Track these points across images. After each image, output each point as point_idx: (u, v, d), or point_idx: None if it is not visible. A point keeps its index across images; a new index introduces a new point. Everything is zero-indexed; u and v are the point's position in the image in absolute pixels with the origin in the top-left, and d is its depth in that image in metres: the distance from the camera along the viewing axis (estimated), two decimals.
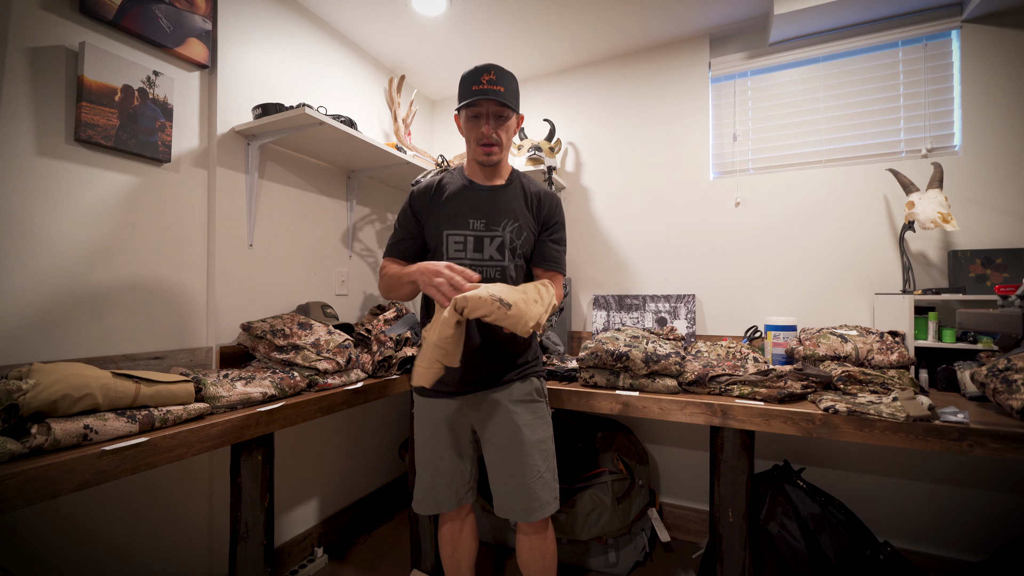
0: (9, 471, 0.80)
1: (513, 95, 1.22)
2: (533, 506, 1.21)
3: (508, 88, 1.20)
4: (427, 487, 1.31)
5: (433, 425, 1.30)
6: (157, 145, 1.43)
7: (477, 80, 1.18)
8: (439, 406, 1.29)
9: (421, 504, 1.32)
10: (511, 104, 1.20)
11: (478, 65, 1.20)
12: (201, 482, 1.55)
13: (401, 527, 2.15)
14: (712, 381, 1.40)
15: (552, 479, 1.25)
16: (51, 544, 1.21)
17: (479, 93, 1.17)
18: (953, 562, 1.70)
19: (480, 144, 1.23)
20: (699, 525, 2.04)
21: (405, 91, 2.48)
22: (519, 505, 1.22)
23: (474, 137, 1.24)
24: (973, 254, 1.65)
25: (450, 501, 1.29)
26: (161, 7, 1.44)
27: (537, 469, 1.22)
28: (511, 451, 1.23)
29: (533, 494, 1.21)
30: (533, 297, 1.09)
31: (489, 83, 1.17)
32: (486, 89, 1.17)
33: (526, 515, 1.21)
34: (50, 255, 1.23)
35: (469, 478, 1.33)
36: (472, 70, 1.21)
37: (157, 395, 1.08)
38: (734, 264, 2.05)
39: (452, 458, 1.29)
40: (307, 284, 1.96)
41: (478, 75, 1.18)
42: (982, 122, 1.72)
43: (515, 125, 1.28)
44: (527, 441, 1.22)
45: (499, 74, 1.19)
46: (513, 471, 1.22)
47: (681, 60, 2.17)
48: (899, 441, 1.12)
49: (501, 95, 1.18)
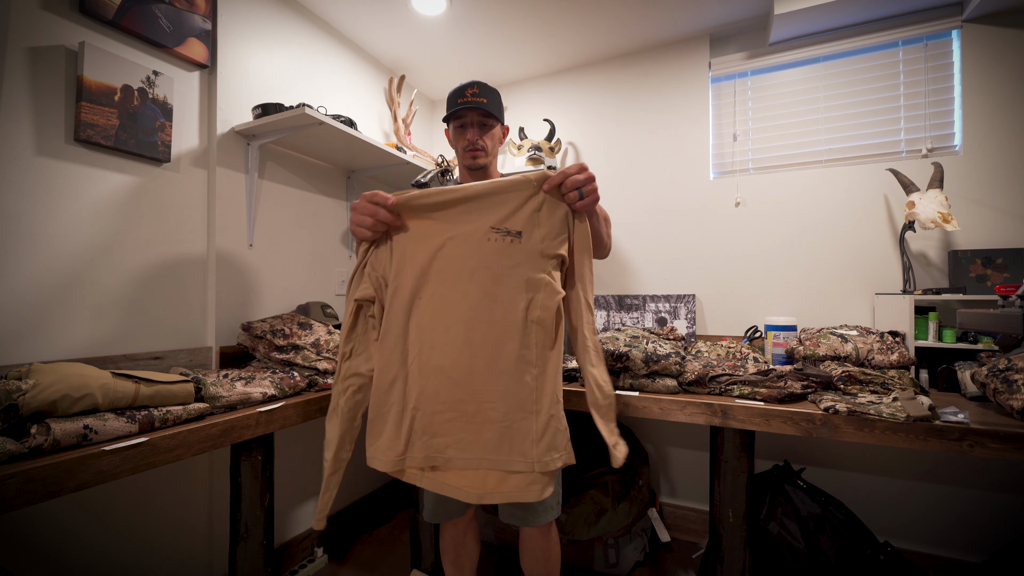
0: (9, 471, 0.80)
1: (496, 106, 1.30)
2: (537, 510, 1.21)
3: (491, 100, 1.28)
4: (436, 495, 1.28)
5: None
6: (157, 145, 1.43)
7: (462, 94, 1.27)
8: None
9: (433, 513, 1.30)
10: (494, 113, 1.29)
11: (463, 82, 1.30)
12: (201, 482, 1.55)
13: (401, 527, 2.15)
14: (712, 381, 1.40)
15: (557, 484, 1.26)
16: (51, 544, 1.20)
17: (463, 105, 1.26)
18: (953, 562, 1.70)
19: (467, 150, 1.31)
20: (699, 525, 2.04)
21: (405, 91, 2.48)
22: (523, 511, 1.21)
23: (461, 145, 1.32)
24: (973, 254, 1.65)
25: (460, 507, 1.28)
26: (161, 7, 1.44)
27: None
28: None
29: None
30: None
31: (473, 96, 1.26)
32: (470, 101, 1.26)
33: (529, 519, 1.21)
34: (50, 255, 1.23)
35: None
36: (458, 87, 1.29)
37: (157, 395, 1.08)
38: (734, 264, 2.05)
39: None
40: (307, 284, 1.95)
41: (463, 90, 1.27)
42: (982, 122, 1.72)
43: (499, 134, 1.35)
44: None
45: (482, 88, 1.28)
46: None
47: (681, 60, 2.17)
48: (899, 441, 1.12)
49: (484, 105, 1.26)
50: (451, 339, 0.96)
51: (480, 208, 0.95)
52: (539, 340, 0.96)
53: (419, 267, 0.96)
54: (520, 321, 0.95)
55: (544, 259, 0.96)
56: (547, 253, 0.96)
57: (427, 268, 0.96)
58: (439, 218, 0.96)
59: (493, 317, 0.95)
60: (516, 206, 0.95)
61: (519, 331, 0.95)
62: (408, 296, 0.97)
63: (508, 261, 0.95)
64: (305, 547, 1.87)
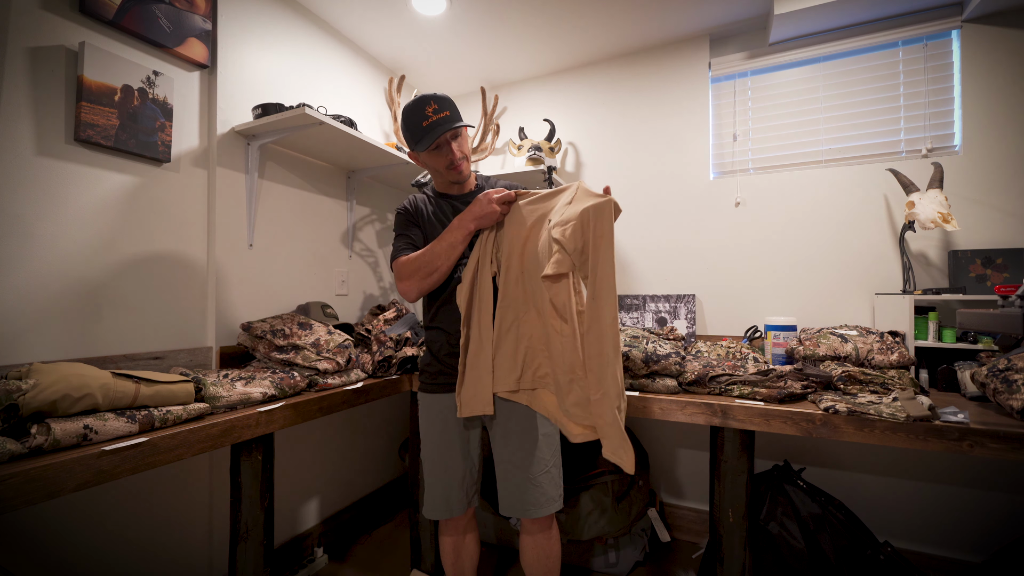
0: (9, 471, 0.80)
1: (457, 110, 1.25)
2: (540, 500, 1.21)
3: (452, 111, 1.23)
4: (440, 489, 1.28)
5: (441, 423, 1.29)
6: (157, 145, 1.43)
7: (423, 115, 1.20)
8: (446, 402, 1.28)
9: (433, 508, 1.29)
10: (463, 121, 1.24)
11: (415, 100, 1.22)
12: (201, 482, 1.55)
13: (401, 527, 2.15)
14: (712, 381, 1.40)
15: (558, 475, 1.26)
16: (51, 544, 1.20)
17: (432, 128, 1.20)
18: (953, 562, 1.70)
19: (451, 168, 1.26)
20: (699, 525, 2.04)
21: (405, 91, 2.48)
22: (524, 499, 1.21)
23: (443, 165, 1.26)
24: (973, 254, 1.65)
25: (461, 503, 1.28)
26: (161, 7, 1.44)
27: (545, 463, 1.23)
28: (523, 441, 1.23)
29: (540, 487, 1.21)
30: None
31: (435, 112, 1.20)
32: (436, 120, 1.20)
33: (531, 510, 1.21)
34: (50, 255, 1.23)
35: (477, 478, 1.32)
36: (412, 106, 1.22)
37: (157, 395, 1.08)
38: (734, 264, 2.05)
39: (462, 457, 1.28)
40: (307, 284, 1.96)
41: (421, 109, 1.21)
42: (982, 122, 1.72)
43: (468, 133, 1.33)
44: (540, 431, 1.23)
45: (438, 101, 1.21)
46: (521, 463, 1.22)
47: (681, 60, 2.17)
48: (899, 441, 1.12)
49: (449, 119, 1.21)
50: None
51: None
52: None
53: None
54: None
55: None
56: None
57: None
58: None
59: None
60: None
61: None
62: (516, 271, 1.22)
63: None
64: (305, 547, 1.87)
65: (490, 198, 1.21)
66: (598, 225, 1.02)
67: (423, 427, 1.34)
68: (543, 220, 1.17)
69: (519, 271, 1.21)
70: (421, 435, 1.35)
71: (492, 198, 1.20)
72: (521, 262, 1.20)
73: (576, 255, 1.06)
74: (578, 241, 1.04)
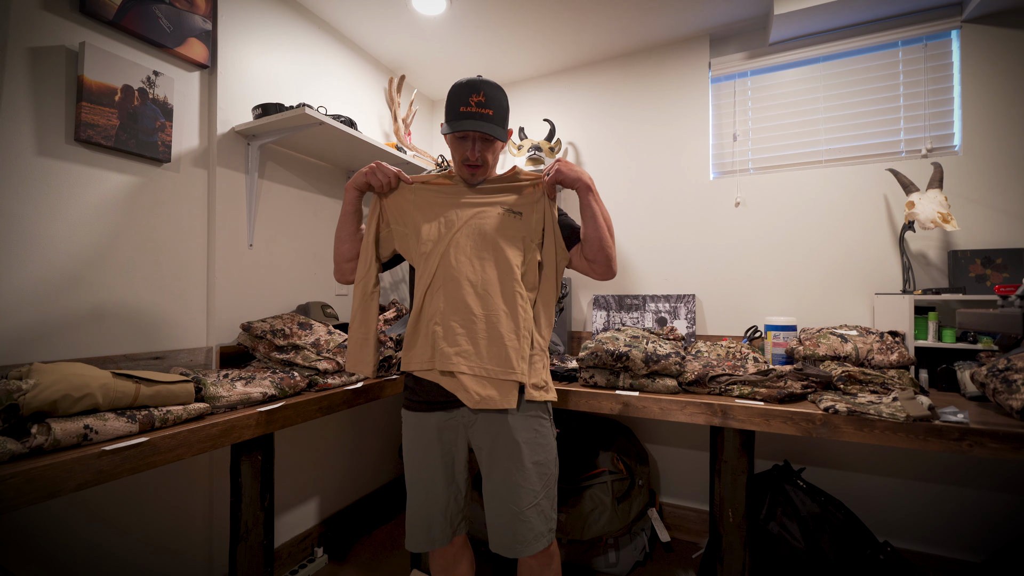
0: (9, 471, 0.80)
1: (502, 116, 1.16)
2: (527, 537, 1.08)
3: (497, 109, 1.14)
4: (420, 518, 1.16)
5: (424, 444, 1.16)
6: (157, 145, 1.43)
7: (466, 101, 1.11)
8: (430, 421, 1.16)
9: (414, 540, 1.16)
10: (498, 134, 1.14)
11: (468, 81, 1.13)
12: (201, 482, 1.55)
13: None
14: (712, 381, 1.40)
15: (550, 508, 1.13)
16: (51, 544, 1.21)
17: (466, 117, 1.11)
18: (953, 562, 1.70)
19: (465, 164, 1.19)
20: (699, 525, 2.04)
21: (405, 91, 2.48)
22: (513, 536, 1.09)
23: (459, 157, 1.19)
24: (973, 254, 1.65)
25: (444, 534, 1.16)
26: (161, 7, 1.44)
27: (534, 495, 1.10)
28: (508, 472, 1.10)
29: (527, 523, 1.08)
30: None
31: (478, 105, 1.10)
32: (474, 113, 1.11)
33: (518, 548, 1.08)
34: (50, 255, 1.23)
35: (464, 505, 1.20)
36: (462, 86, 1.13)
37: (157, 395, 1.08)
38: (734, 264, 2.05)
39: (445, 482, 1.16)
40: (307, 284, 1.96)
41: (467, 95, 1.11)
42: (982, 122, 1.72)
43: (501, 146, 1.22)
44: (526, 461, 1.10)
45: (488, 94, 1.11)
46: (507, 496, 1.10)
47: (681, 60, 2.17)
48: (899, 441, 1.12)
49: (489, 120, 1.12)
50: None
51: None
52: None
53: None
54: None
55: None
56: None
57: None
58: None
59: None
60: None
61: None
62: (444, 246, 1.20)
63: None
64: (305, 547, 1.87)
65: (381, 167, 1.22)
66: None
67: (405, 448, 1.22)
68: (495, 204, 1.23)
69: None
70: (404, 457, 1.24)
71: (383, 168, 1.22)
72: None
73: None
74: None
